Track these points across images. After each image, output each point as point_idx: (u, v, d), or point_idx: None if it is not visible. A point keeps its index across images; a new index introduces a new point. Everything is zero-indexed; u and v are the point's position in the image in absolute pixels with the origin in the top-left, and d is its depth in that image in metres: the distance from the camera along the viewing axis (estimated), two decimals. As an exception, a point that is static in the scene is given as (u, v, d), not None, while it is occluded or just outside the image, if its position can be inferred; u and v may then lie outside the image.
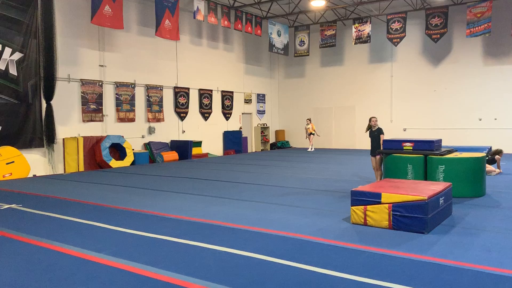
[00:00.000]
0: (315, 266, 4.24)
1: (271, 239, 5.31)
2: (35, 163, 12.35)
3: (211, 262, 4.45)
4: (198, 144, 17.79)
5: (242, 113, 21.06)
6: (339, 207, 7.10)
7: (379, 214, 5.79)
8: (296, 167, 13.43)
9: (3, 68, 11.76)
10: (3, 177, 11.17)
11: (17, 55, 12.03)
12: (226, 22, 17.89)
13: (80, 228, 5.98)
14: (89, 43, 14.03)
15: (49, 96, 12.54)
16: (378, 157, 9.38)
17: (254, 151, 21.61)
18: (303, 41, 21.35)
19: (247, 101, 21.46)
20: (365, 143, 19.73)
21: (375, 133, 9.53)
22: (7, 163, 11.29)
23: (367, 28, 19.19)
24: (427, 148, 8.30)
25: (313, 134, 19.70)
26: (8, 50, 11.82)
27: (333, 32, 20.34)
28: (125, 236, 5.50)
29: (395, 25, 18.54)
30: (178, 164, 14.78)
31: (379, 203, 5.79)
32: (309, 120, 19.99)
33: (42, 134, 12.61)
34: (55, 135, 12.70)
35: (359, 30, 19.37)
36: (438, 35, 17.90)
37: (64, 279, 4.03)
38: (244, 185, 9.74)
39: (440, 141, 8.76)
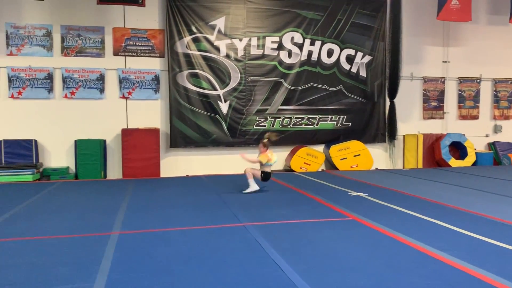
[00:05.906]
0: None
1: None
2: (377, 157, 13.35)
3: None
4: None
5: None
6: None
7: None
8: None
9: (355, 71, 13.25)
10: (351, 167, 12.68)
11: (367, 58, 13.29)
12: None
13: (421, 223, 6.06)
14: (432, 40, 13.94)
15: (392, 94, 13.31)
16: None
17: None
18: None
19: None
20: None
21: None
22: (354, 156, 12.75)
23: None
24: None
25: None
26: (359, 55, 13.23)
27: None
28: (466, 239, 5.20)
29: None
30: (531, 169, 12.70)
31: None
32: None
33: (384, 131, 13.54)
34: (396, 131, 13.40)
35: None
36: None
37: (408, 270, 4.18)
38: None
39: None
